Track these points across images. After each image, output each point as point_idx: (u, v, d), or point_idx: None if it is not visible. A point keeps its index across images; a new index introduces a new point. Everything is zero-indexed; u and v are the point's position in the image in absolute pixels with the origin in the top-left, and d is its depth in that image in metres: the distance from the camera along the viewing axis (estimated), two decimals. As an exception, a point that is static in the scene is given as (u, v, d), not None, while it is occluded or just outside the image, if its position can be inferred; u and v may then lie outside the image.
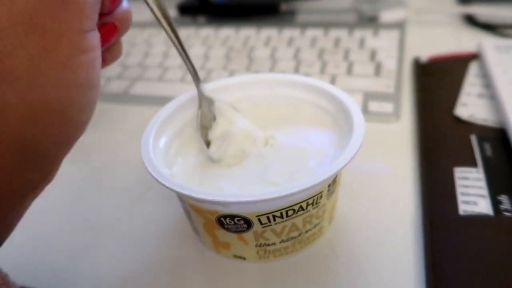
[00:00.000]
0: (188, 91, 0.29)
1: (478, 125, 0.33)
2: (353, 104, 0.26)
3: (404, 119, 0.37)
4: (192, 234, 0.29)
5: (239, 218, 0.23)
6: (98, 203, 0.33)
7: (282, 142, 0.28)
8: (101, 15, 0.21)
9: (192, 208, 0.25)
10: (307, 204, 0.23)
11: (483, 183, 0.28)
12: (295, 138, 0.28)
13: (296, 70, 0.44)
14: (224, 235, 0.25)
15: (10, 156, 0.18)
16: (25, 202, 0.20)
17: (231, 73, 0.45)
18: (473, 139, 0.32)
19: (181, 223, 0.30)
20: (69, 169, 0.37)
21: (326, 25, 0.51)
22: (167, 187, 0.22)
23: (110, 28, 0.22)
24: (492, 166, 0.29)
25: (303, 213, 0.24)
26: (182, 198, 0.25)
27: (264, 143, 0.28)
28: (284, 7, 0.56)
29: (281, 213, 0.23)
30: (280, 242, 0.25)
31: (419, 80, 0.40)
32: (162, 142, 0.27)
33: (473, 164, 0.30)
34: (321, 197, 0.24)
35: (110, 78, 0.48)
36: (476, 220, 0.26)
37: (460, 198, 0.28)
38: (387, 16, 0.51)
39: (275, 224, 0.24)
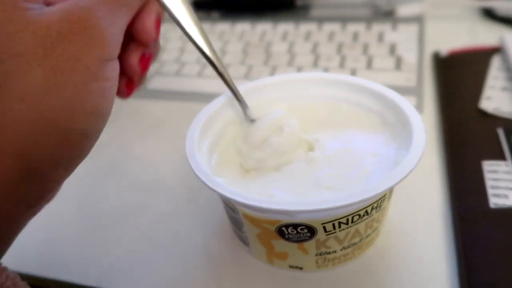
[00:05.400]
0: (224, 93, 0.28)
1: (504, 118, 0.33)
2: (403, 101, 0.25)
3: (427, 112, 0.36)
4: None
5: (303, 227, 0.22)
6: (112, 199, 0.33)
7: (327, 144, 0.26)
8: (142, 45, 0.23)
9: (246, 218, 0.23)
10: (372, 208, 0.22)
11: (513, 176, 0.28)
12: (340, 140, 0.27)
13: (315, 64, 0.43)
14: (282, 245, 0.24)
15: (9, 171, 0.17)
16: (21, 221, 0.19)
17: (249, 68, 0.45)
18: (500, 132, 0.31)
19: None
20: (85, 163, 0.37)
21: (343, 20, 0.50)
22: (228, 198, 0.21)
23: (148, 58, 0.23)
24: (521, 159, 0.29)
25: (367, 218, 0.23)
26: (235, 208, 0.23)
27: (309, 148, 0.26)
28: (299, 1, 0.55)
29: (347, 219, 0.22)
30: (341, 250, 0.24)
31: (441, 73, 0.40)
32: (205, 147, 0.26)
33: (501, 157, 0.29)
34: (383, 200, 0.23)
35: (127, 73, 0.48)
36: (508, 212, 0.26)
37: (490, 191, 0.27)
38: (403, 10, 0.50)
39: (340, 231, 0.22)
